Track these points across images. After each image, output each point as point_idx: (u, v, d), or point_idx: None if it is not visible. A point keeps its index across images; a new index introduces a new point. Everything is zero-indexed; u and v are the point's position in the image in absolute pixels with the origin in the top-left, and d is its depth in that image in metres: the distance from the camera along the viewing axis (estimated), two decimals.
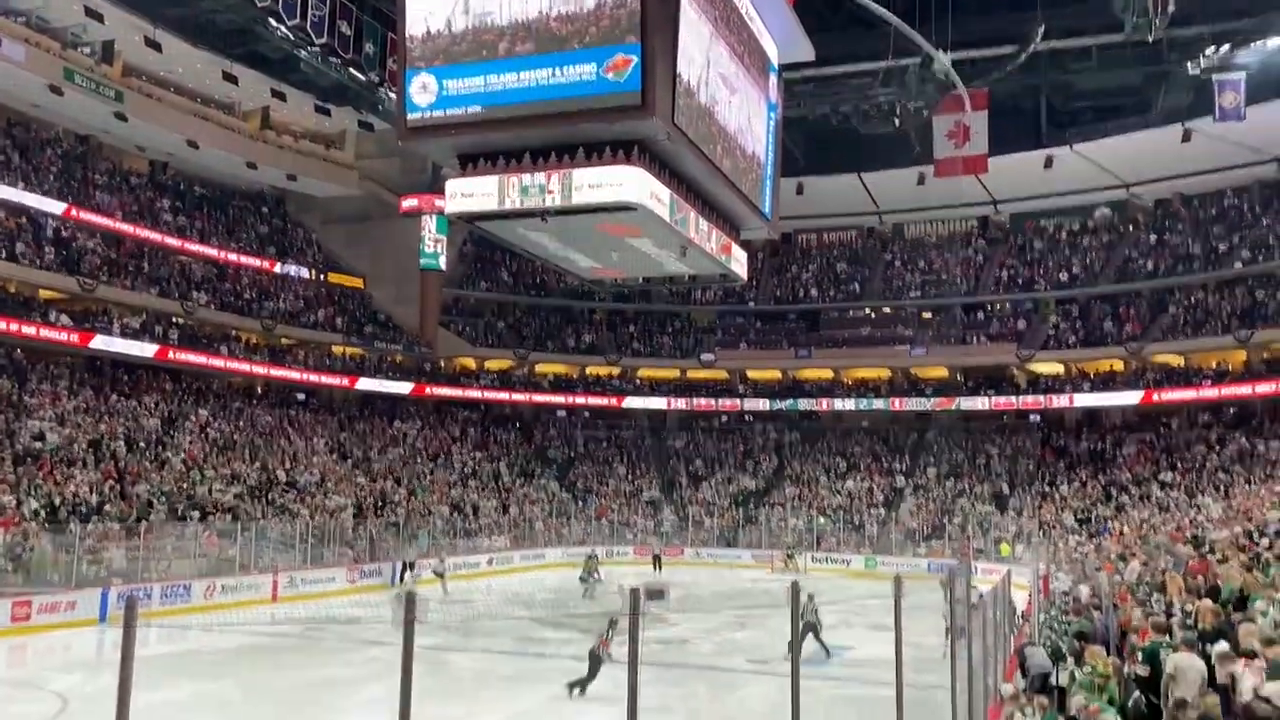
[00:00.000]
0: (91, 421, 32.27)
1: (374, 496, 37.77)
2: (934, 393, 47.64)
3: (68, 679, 16.04)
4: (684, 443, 51.62)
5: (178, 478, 31.67)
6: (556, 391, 51.51)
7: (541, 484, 46.95)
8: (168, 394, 37.12)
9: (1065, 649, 13.54)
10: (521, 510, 42.76)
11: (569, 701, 14.76)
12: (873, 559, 37.64)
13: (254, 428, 38.59)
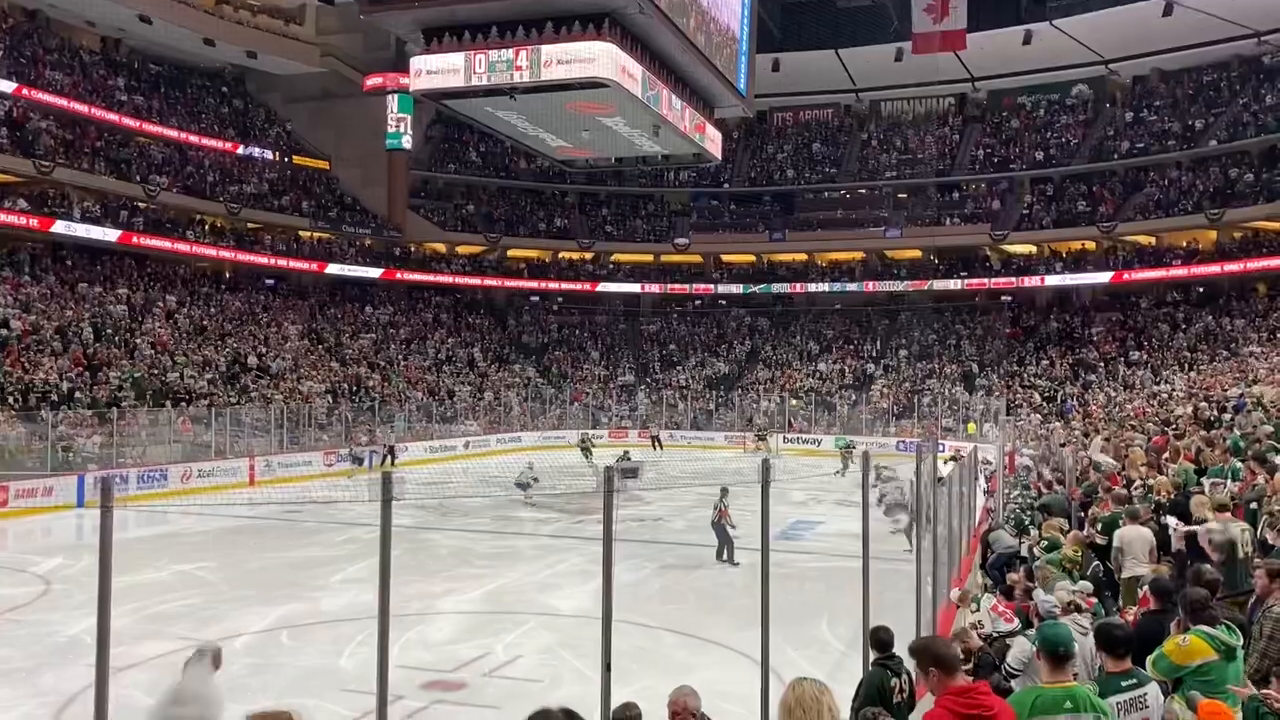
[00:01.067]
0: (57, 308, 31.81)
1: (348, 382, 37.76)
2: (907, 274, 47.78)
3: (49, 562, 16.18)
4: (658, 327, 51.73)
5: (149, 364, 31.46)
6: (529, 277, 51.20)
7: (516, 369, 47.07)
8: (134, 280, 36.56)
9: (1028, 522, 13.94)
10: (497, 395, 42.95)
11: (548, 579, 15.10)
12: (843, 439, 38.26)
13: (224, 314, 38.21)
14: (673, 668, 9.50)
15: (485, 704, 9.52)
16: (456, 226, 50.60)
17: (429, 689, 9.62)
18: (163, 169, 39.68)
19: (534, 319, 52.06)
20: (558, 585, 14.59)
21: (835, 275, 49.27)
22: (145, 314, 34.68)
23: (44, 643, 11.28)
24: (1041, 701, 3.88)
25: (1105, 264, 43.26)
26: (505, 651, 11.28)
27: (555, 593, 14.09)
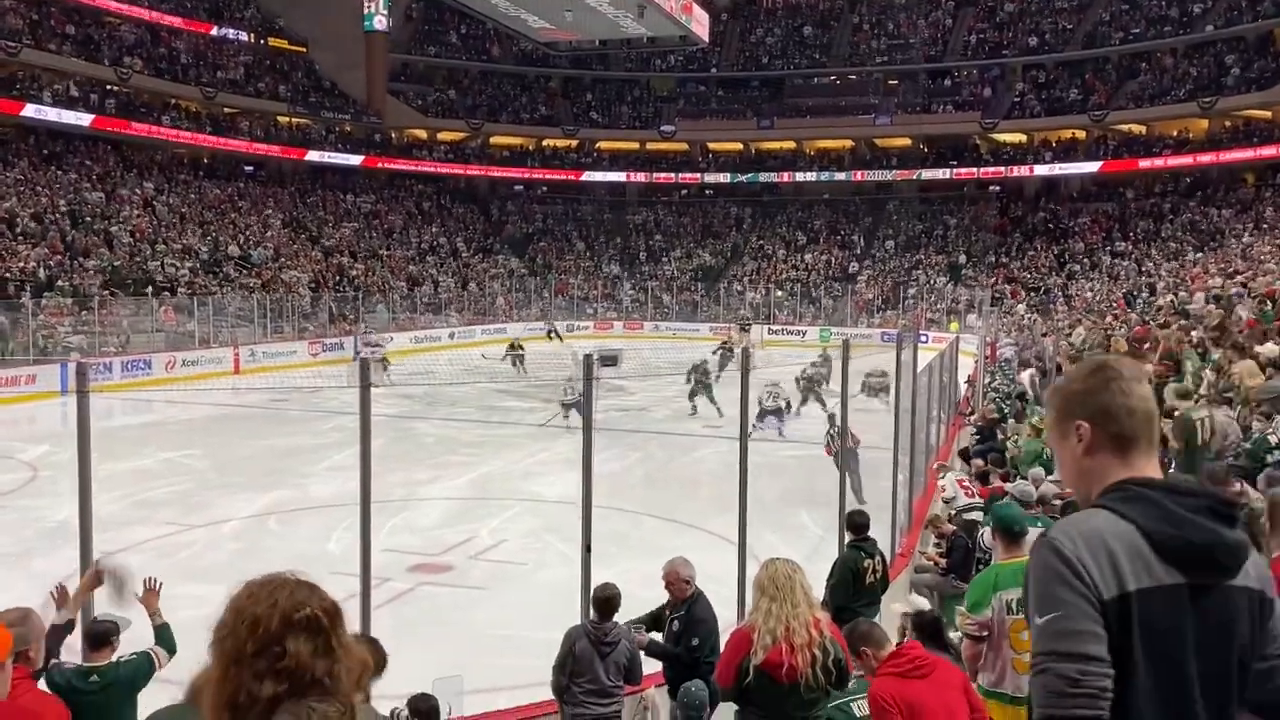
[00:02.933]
0: (31, 194, 31.23)
1: (331, 271, 37.49)
2: (896, 164, 47.27)
3: (35, 450, 16.27)
4: (644, 217, 51.26)
5: (128, 252, 31.10)
6: (512, 165, 50.40)
7: (500, 260, 46.75)
8: (109, 166, 35.84)
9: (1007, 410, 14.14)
10: (481, 286, 42.76)
11: (532, 466, 15.30)
12: (827, 330, 38.43)
13: (202, 201, 37.62)
14: (652, 550, 9.68)
15: (471, 585, 9.74)
16: (438, 112, 49.54)
17: (416, 571, 9.83)
18: (134, 51, 38.49)
19: (518, 208, 51.48)
20: (542, 473, 14.78)
21: (823, 164, 48.70)
22: (122, 201, 34.10)
23: (33, 528, 11.42)
24: (1001, 577, 4.03)
25: (1095, 153, 42.90)
26: (490, 535, 11.50)
27: (539, 480, 14.29)
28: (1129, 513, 1.56)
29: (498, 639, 8.13)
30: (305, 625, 1.71)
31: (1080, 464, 1.68)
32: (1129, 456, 1.65)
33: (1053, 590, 1.54)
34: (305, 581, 1.81)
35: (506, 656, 7.56)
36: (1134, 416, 1.65)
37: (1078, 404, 1.69)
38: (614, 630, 5.26)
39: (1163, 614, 1.53)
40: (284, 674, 1.67)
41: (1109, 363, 1.73)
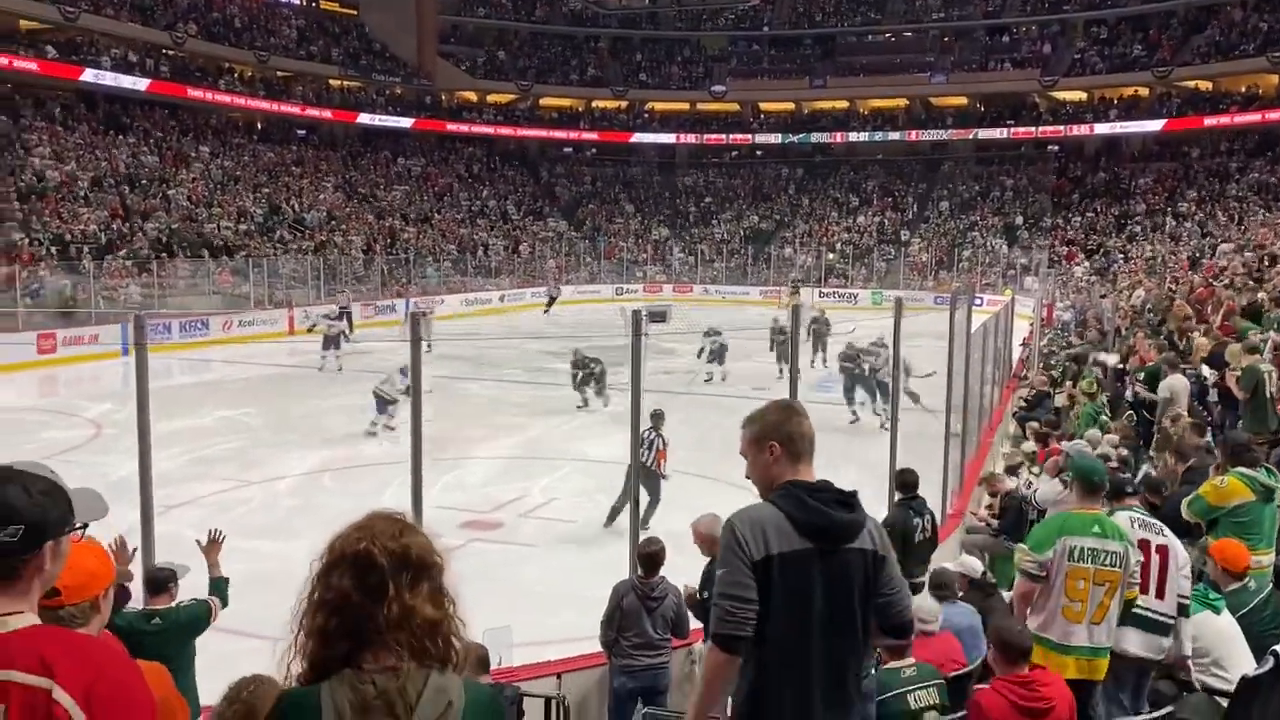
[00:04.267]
0: (91, 158, 31.80)
1: (382, 235, 37.79)
2: (952, 123, 46.32)
3: (99, 407, 16.68)
4: (693, 179, 50.88)
5: (184, 215, 31.59)
6: (562, 127, 50.22)
7: (549, 224, 46.77)
8: (166, 130, 36.34)
9: (1064, 374, 13.88)
10: (532, 249, 42.84)
11: (580, 427, 15.38)
12: (879, 293, 37.96)
13: (256, 165, 38.05)
14: (697, 509, 9.70)
15: (521, 542, 9.84)
16: (488, 74, 49.47)
17: (467, 528, 9.95)
18: (189, 15, 38.83)
19: (567, 171, 51.36)
20: (590, 434, 14.85)
21: (877, 124, 47.87)
22: (179, 164, 34.60)
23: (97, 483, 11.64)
24: (1070, 524, 4.00)
25: (1158, 111, 41.60)
26: (540, 494, 11.60)
27: (587, 440, 14.36)
28: (781, 504, 2.41)
29: (546, 594, 8.22)
30: (355, 560, 1.69)
31: (769, 469, 2.51)
32: (798, 465, 2.50)
33: (726, 556, 2.39)
34: (390, 521, 1.75)
35: (555, 611, 7.64)
36: (805, 440, 2.52)
37: (772, 430, 2.52)
38: (660, 585, 5.28)
39: (795, 569, 2.36)
40: (331, 606, 1.67)
41: (791, 404, 2.66)
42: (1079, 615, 3.92)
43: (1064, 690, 3.60)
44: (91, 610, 2.31)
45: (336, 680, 1.63)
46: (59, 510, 1.68)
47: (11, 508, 1.60)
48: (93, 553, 2.37)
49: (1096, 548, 3.93)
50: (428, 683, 1.65)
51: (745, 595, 2.31)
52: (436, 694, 1.65)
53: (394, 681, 1.62)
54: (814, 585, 2.35)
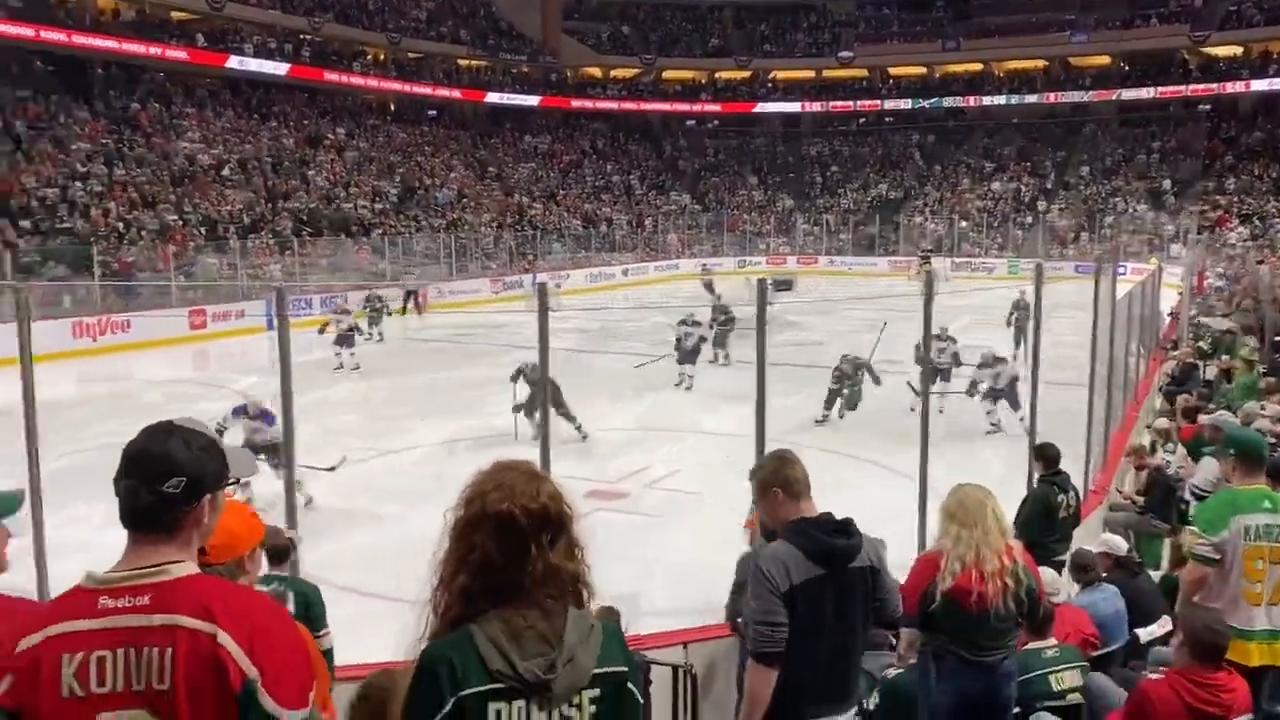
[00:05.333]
0: (237, 141, 33.30)
1: (510, 212, 38.44)
2: (1093, 83, 44.13)
3: (246, 380, 17.47)
4: (819, 149, 49.97)
5: (323, 195, 32.80)
6: (684, 99, 49.99)
7: (673, 197, 46.69)
8: (305, 113, 37.75)
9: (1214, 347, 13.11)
10: (655, 223, 42.89)
11: (704, 400, 15.34)
12: (1015, 263, 36.61)
13: (390, 145, 39.17)
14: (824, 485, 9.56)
15: (645, 513, 9.88)
16: (611, 49, 49.60)
17: (591, 498, 10.04)
18: (325, 1, 40.14)
19: (690, 143, 51.14)
20: (714, 406, 14.78)
21: (1013, 86, 46.00)
22: (317, 146, 35.91)
23: None
24: (1240, 501, 3.77)
25: None
26: (664, 465, 11.61)
27: (712, 412, 14.28)
28: (793, 540, 2.91)
29: (671, 565, 8.23)
30: (497, 521, 1.74)
31: (777, 511, 3.01)
32: (800, 503, 2.99)
33: (757, 589, 2.87)
34: (529, 478, 1.81)
35: (680, 582, 7.65)
36: (800, 481, 3.01)
37: (771, 478, 3.03)
38: None
39: (811, 593, 2.86)
40: (474, 567, 1.73)
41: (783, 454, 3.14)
42: (1259, 597, 3.70)
43: (1245, 696, 3.34)
44: (238, 570, 2.41)
45: (484, 619, 1.72)
46: (216, 464, 1.75)
47: (174, 461, 1.68)
48: (239, 515, 2.46)
49: (1271, 524, 3.69)
50: (568, 616, 1.76)
51: (778, 620, 2.83)
52: (579, 620, 1.76)
53: (541, 616, 1.72)
54: (826, 602, 2.89)
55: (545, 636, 1.70)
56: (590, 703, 1.72)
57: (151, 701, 1.59)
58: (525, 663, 1.67)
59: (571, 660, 1.70)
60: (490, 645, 1.68)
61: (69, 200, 25.72)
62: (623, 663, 1.79)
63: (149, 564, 1.66)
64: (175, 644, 1.60)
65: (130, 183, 27.78)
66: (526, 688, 1.67)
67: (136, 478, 1.67)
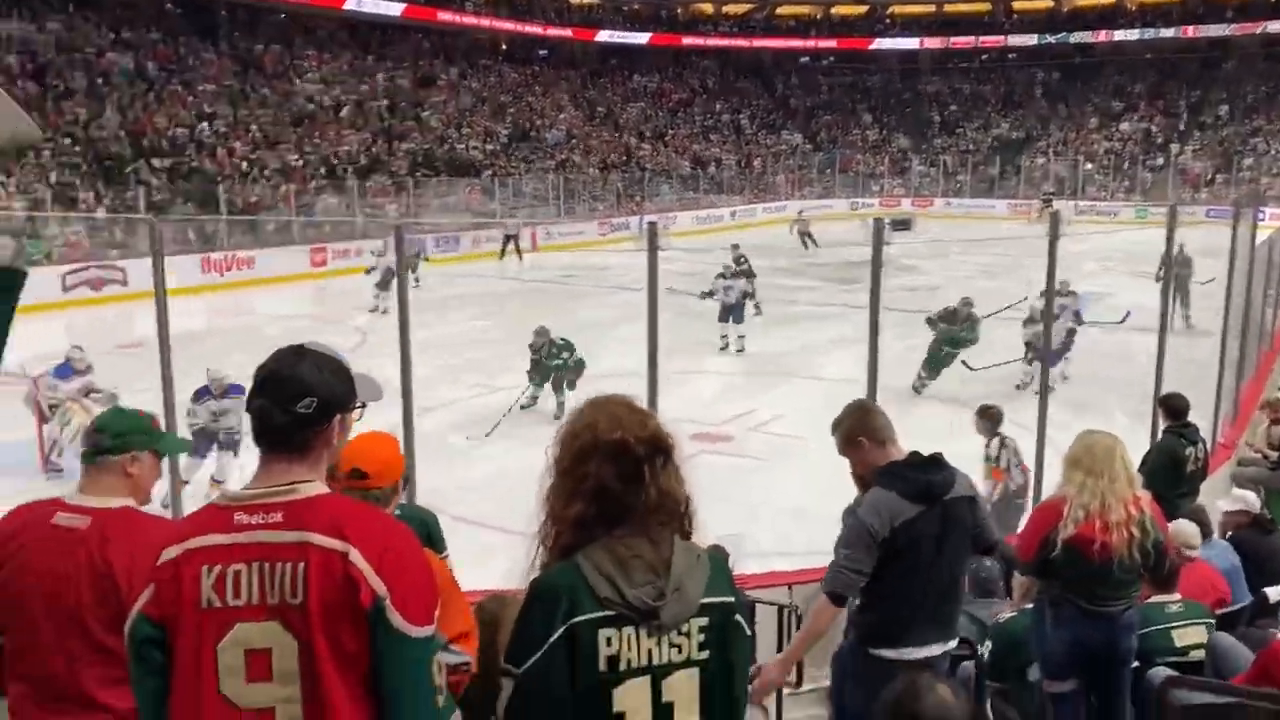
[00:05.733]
0: (354, 83, 33.95)
1: (618, 152, 38.33)
2: (1235, 15, 41.32)
3: (363, 316, 18.05)
4: (937, 87, 48.29)
5: (436, 136, 33.26)
6: (798, 35, 48.78)
7: (783, 136, 45.84)
8: (420, 54, 38.20)
9: None
10: (764, 164, 42.23)
11: (812, 344, 15.17)
12: (1144, 209, 34.90)
13: (501, 85, 39.38)
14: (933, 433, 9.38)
15: (750, 456, 9.88)
16: None
17: (696, 440, 10.09)
18: None
19: (803, 81, 50.00)
20: (823, 350, 14.61)
21: (1147, 19, 43.44)
22: (430, 86, 36.35)
23: None
24: None
25: None
26: (769, 410, 11.57)
27: (819, 357, 14.13)
28: (888, 484, 2.98)
29: (777, 509, 8.24)
30: (612, 449, 1.75)
31: (866, 459, 3.09)
32: (887, 448, 3.08)
33: (852, 538, 2.98)
34: (633, 410, 1.84)
35: (784, 525, 7.65)
36: (885, 428, 3.10)
37: (858, 429, 3.13)
38: None
39: (913, 531, 2.94)
40: (589, 494, 1.75)
41: (863, 404, 3.41)
42: None
43: None
44: (393, 494, 2.54)
45: (590, 549, 1.75)
46: (345, 387, 1.80)
47: (305, 382, 1.72)
48: (391, 443, 2.66)
49: None
50: (675, 543, 1.77)
51: (861, 569, 2.97)
52: (686, 551, 1.78)
53: (647, 545, 1.74)
54: (926, 539, 2.96)
55: (652, 565, 1.72)
56: (699, 631, 1.74)
57: (284, 615, 1.65)
58: (634, 590, 1.69)
59: (679, 589, 1.72)
60: (598, 574, 1.70)
61: (196, 140, 26.69)
62: (730, 594, 1.81)
63: (281, 483, 1.71)
64: (307, 560, 1.65)
65: (254, 123, 28.65)
66: (636, 615, 1.69)
67: (269, 398, 1.71)
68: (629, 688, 1.71)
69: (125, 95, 26.71)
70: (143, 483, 2.39)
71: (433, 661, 1.72)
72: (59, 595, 2.16)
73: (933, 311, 13.46)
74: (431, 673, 1.72)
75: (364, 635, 1.65)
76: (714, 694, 1.77)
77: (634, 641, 1.70)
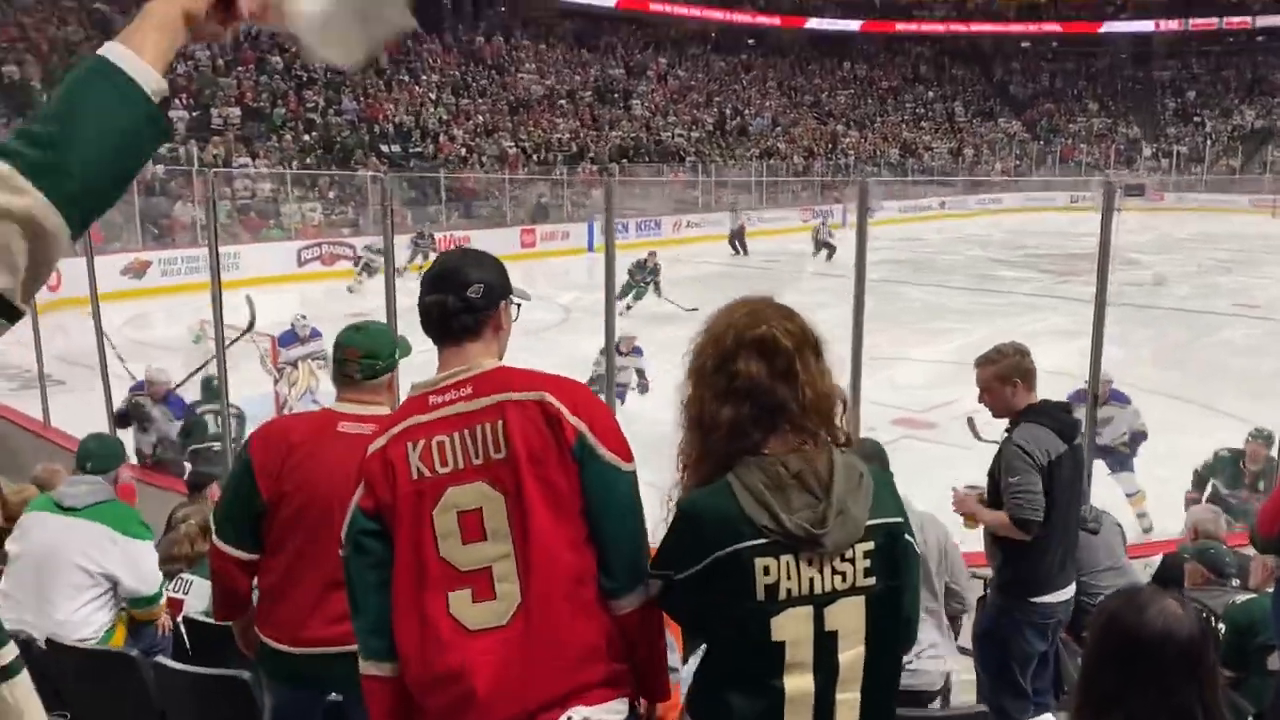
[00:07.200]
0: (568, 72, 34.99)
1: (823, 140, 37.80)
2: None
3: (568, 295, 18.64)
4: (1173, 73, 44.92)
5: (644, 125, 33.83)
6: (1020, 20, 46.49)
7: (1000, 124, 43.88)
8: (630, 44, 38.93)
9: None
10: (978, 153, 40.59)
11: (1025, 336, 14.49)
12: None
13: (709, 74, 39.59)
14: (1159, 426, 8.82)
15: (953, 443, 9.59)
16: None
17: (898, 424, 9.92)
18: None
19: (1023, 67, 47.68)
20: (1036, 342, 13.93)
21: None
22: (639, 76, 36.99)
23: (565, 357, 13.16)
24: None
25: None
26: (975, 400, 11.16)
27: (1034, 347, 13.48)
28: (1041, 420, 3.37)
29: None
30: (759, 344, 1.66)
31: (1012, 399, 3.45)
32: (1031, 393, 3.47)
33: (1017, 465, 3.31)
34: (775, 305, 1.75)
35: None
36: (1033, 374, 3.48)
37: (1011, 370, 3.46)
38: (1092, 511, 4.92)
39: (1065, 464, 3.36)
40: (740, 394, 1.65)
41: (1019, 346, 3.60)
42: None
43: None
44: None
45: (742, 467, 1.63)
46: (503, 277, 1.95)
47: (470, 273, 1.89)
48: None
49: None
50: (834, 459, 1.63)
51: (1038, 490, 3.27)
52: (847, 469, 1.63)
53: (803, 462, 1.62)
54: (1069, 473, 3.38)
55: (809, 486, 1.59)
56: (864, 556, 1.60)
57: (491, 472, 1.74)
58: (793, 516, 1.57)
59: (843, 512, 1.58)
60: (752, 499, 1.59)
61: (421, 127, 28.25)
62: (896, 513, 1.66)
63: (462, 365, 1.84)
64: (505, 415, 1.75)
65: (475, 111, 30.05)
66: (795, 542, 1.57)
67: (444, 290, 1.86)
68: (789, 617, 1.59)
69: (359, 85, 28.58)
70: (397, 390, 2.62)
71: (638, 494, 1.78)
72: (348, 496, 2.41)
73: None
74: (639, 504, 1.79)
75: (573, 472, 1.73)
76: (882, 620, 1.63)
77: (794, 570, 1.58)
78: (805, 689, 1.61)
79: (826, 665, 1.61)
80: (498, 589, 1.73)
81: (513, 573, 1.73)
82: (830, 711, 1.62)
